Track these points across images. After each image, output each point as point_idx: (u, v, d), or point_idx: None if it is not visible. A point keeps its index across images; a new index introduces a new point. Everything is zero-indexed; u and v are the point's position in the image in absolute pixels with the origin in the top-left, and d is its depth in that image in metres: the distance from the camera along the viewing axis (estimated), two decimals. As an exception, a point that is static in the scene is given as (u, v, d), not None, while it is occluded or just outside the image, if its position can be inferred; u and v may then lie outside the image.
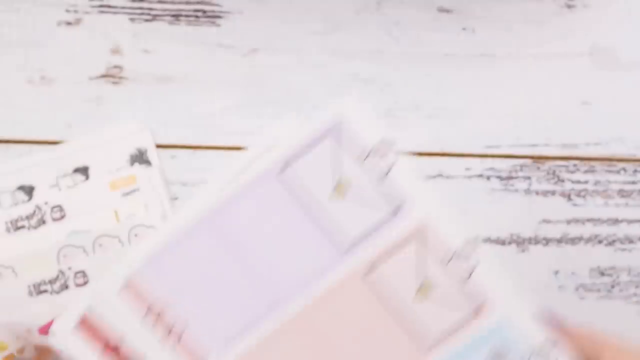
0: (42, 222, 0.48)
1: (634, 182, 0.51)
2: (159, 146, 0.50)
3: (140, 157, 0.49)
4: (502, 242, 0.50)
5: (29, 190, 0.48)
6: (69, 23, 0.51)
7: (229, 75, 0.51)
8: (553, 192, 0.51)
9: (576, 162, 0.51)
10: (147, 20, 0.51)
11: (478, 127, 0.51)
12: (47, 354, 0.45)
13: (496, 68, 0.52)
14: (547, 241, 0.50)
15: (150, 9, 0.51)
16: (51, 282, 0.46)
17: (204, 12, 0.51)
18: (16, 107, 0.50)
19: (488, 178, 0.51)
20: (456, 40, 0.52)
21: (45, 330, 0.45)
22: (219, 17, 0.51)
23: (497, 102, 0.52)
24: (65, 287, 0.46)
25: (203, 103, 0.50)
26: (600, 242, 0.51)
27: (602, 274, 0.50)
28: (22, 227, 0.47)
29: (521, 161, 0.51)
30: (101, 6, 0.51)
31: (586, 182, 0.51)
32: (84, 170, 0.49)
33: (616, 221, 0.51)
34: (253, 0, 0.52)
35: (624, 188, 0.51)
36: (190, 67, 0.51)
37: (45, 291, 0.46)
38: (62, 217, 0.48)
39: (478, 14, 0.52)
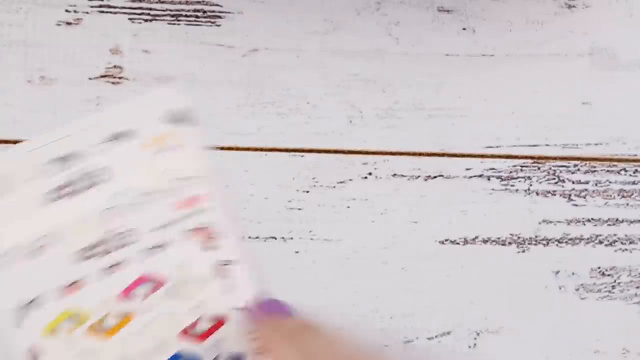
0: (86, 187, 0.47)
1: (634, 183, 0.51)
2: (158, 146, 0.50)
3: (179, 116, 0.49)
4: (502, 243, 0.50)
5: (68, 157, 0.48)
6: (68, 23, 0.51)
7: (229, 75, 0.51)
8: (553, 193, 0.51)
9: (576, 162, 0.51)
10: (146, 20, 0.51)
11: (478, 127, 0.51)
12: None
13: (496, 68, 0.52)
14: (547, 241, 0.50)
15: (150, 9, 0.51)
16: (97, 246, 0.46)
17: (204, 12, 0.51)
18: (16, 107, 0.50)
19: (488, 178, 0.51)
20: (456, 40, 0.52)
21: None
22: (219, 17, 0.51)
23: (497, 102, 0.52)
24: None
25: (203, 103, 0.50)
26: (600, 242, 0.51)
27: (603, 274, 0.50)
28: (65, 194, 0.47)
29: (521, 161, 0.51)
30: (101, 6, 0.51)
31: (586, 182, 0.51)
32: (124, 134, 0.48)
33: (617, 221, 0.51)
34: (253, 0, 0.52)
35: (625, 188, 0.51)
36: (190, 67, 0.51)
37: (92, 256, 0.46)
38: (105, 180, 0.48)
39: (478, 14, 0.52)
